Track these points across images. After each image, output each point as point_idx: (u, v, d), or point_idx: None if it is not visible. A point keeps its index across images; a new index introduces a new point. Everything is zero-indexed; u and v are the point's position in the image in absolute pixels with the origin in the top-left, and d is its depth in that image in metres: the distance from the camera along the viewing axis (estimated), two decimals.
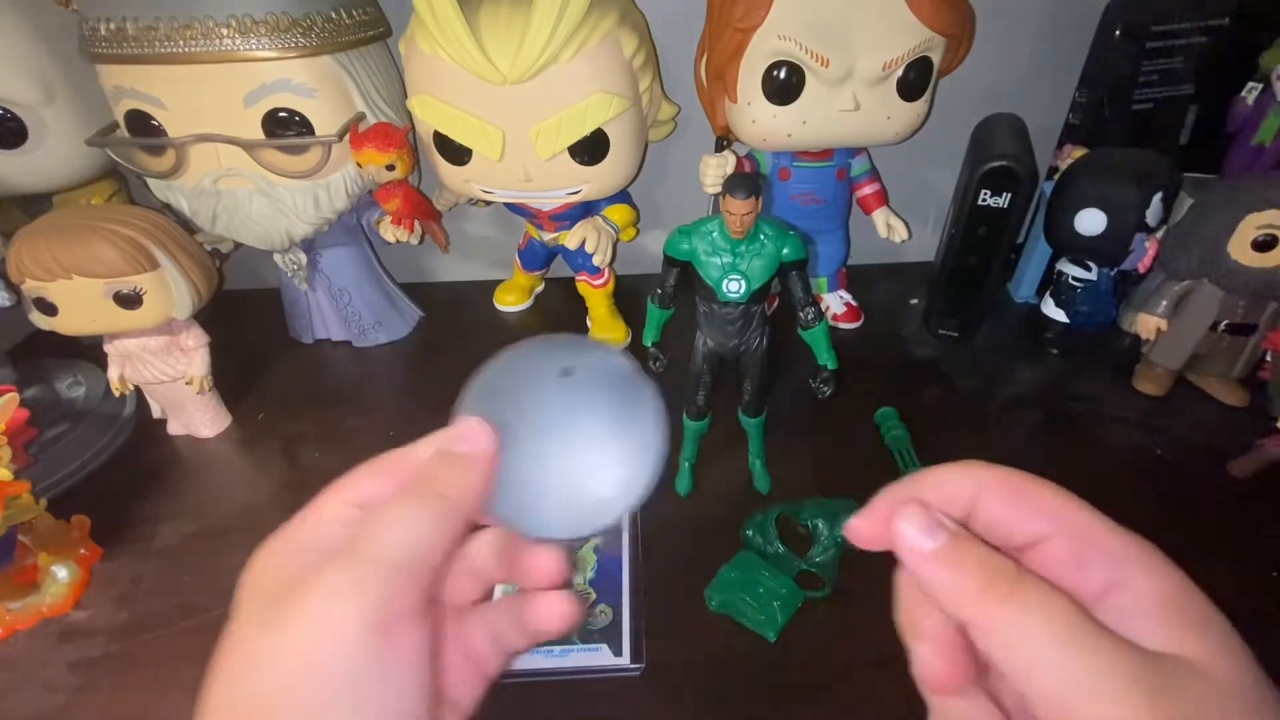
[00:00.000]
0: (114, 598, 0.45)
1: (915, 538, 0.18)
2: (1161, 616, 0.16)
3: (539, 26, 0.47)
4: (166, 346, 0.53)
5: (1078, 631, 0.16)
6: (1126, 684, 0.15)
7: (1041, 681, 0.15)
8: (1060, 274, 0.62)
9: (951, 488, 0.19)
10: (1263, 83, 0.60)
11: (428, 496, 0.19)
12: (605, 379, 0.21)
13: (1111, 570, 0.17)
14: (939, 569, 0.17)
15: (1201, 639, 0.16)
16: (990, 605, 0.16)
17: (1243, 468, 0.50)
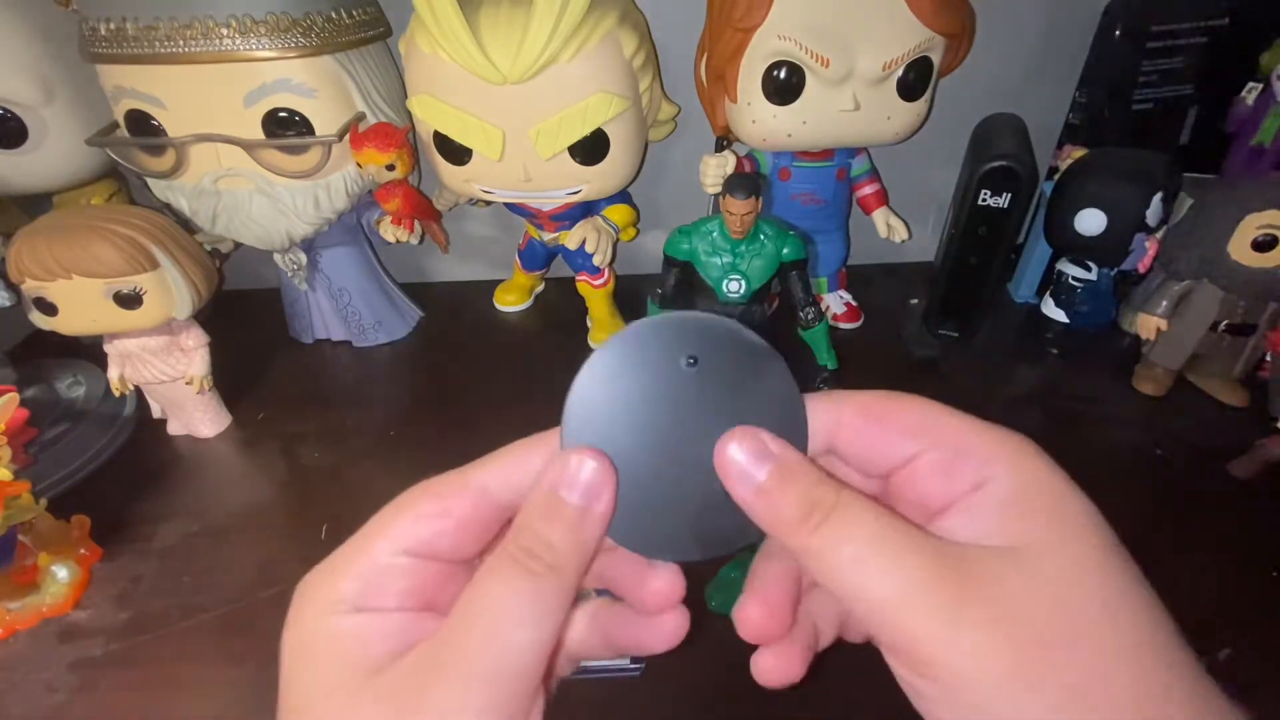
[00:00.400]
0: (114, 598, 0.45)
1: (742, 469, 0.17)
2: (1012, 508, 0.16)
3: (539, 26, 0.47)
4: (166, 346, 0.53)
5: (883, 544, 0.15)
6: (929, 591, 0.15)
7: (860, 606, 0.15)
8: (1060, 274, 0.62)
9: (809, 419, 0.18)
10: (1263, 83, 0.60)
11: (537, 574, 0.16)
12: (735, 362, 0.18)
13: (978, 471, 0.16)
14: (764, 502, 0.17)
15: (1048, 526, 0.15)
16: (807, 536, 0.16)
17: (1243, 468, 0.50)
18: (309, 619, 0.17)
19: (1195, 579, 0.41)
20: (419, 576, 0.17)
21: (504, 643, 0.15)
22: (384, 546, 0.17)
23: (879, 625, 0.15)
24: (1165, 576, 0.16)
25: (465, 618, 0.16)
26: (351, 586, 0.17)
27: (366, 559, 0.17)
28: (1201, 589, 0.40)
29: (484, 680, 0.15)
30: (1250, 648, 0.38)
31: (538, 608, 0.16)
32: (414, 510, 0.17)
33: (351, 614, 0.16)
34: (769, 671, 0.19)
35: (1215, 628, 0.38)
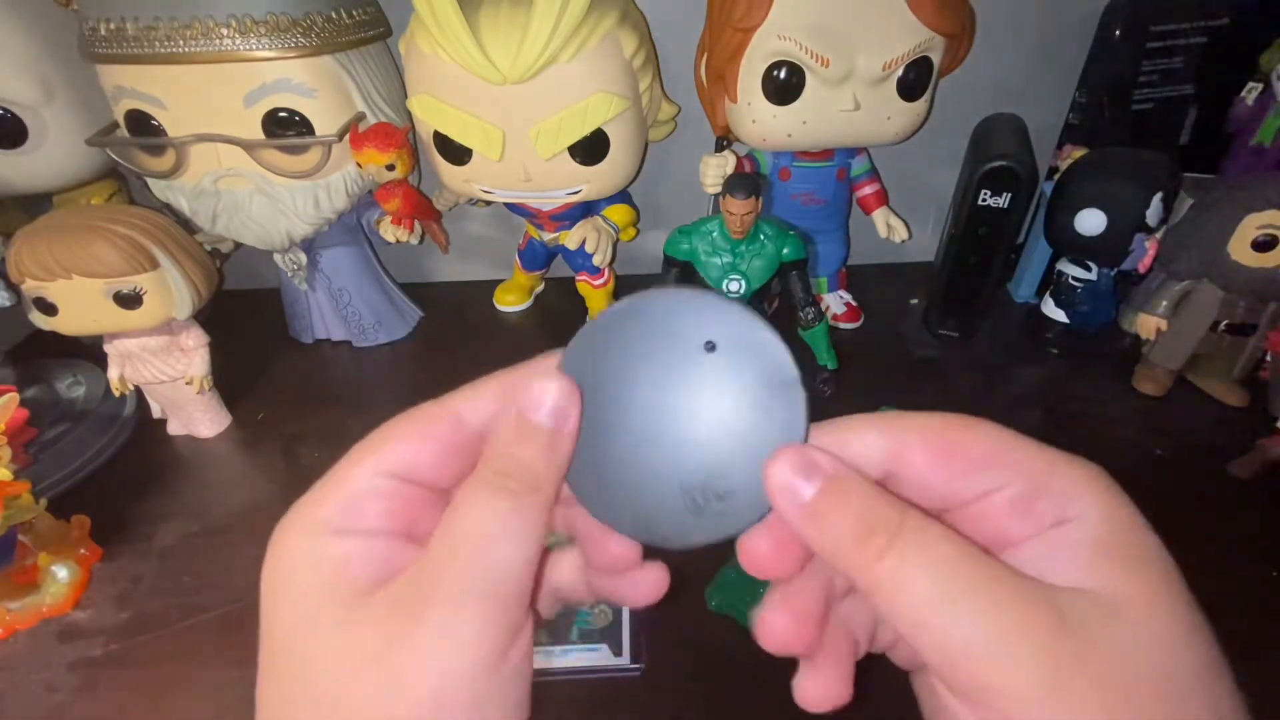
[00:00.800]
0: (114, 598, 0.45)
1: (788, 484, 0.16)
2: (1096, 552, 0.15)
3: (539, 26, 0.47)
4: (166, 346, 0.53)
5: (969, 583, 0.14)
6: (1026, 642, 0.13)
7: (933, 643, 0.14)
8: (1060, 274, 0.62)
9: (866, 445, 0.17)
10: (1263, 83, 0.60)
11: (515, 492, 0.16)
12: (754, 363, 0.17)
13: (1061, 508, 0.15)
14: (812, 521, 0.16)
15: (1132, 575, 0.15)
16: (868, 562, 0.15)
17: (1243, 468, 0.50)
18: (289, 546, 0.17)
19: (1195, 579, 0.41)
20: (399, 499, 0.17)
21: (490, 561, 0.16)
22: (365, 470, 0.17)
23: (953, 668, 0.14)
24: None
25: (449, 541, 0.16)
26: (333, 509, 0.17)
27: (348, 483, 0.17)
28: (1201, 589, 0.40)
29: (475, 599, 0.15)
30: (1251, 648, 0.38)
31: (519, 525, 0.16)
32: (395, 434, 0.18)
33: (332, 537, 0.16)
34: (814, 697, 0.17)
35: (1215, 628, 0.38)
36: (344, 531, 0.17)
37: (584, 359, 0.18)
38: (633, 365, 0.17)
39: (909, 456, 0.16)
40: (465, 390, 0.18)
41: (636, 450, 0.17)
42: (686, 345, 0.17)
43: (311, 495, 0.17)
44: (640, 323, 0.17)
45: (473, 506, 0.16)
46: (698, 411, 0.17)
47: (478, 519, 0.16)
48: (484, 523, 0.16)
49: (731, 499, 0.17)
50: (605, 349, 0.18)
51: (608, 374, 0.18)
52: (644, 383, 0.17)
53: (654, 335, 0.17)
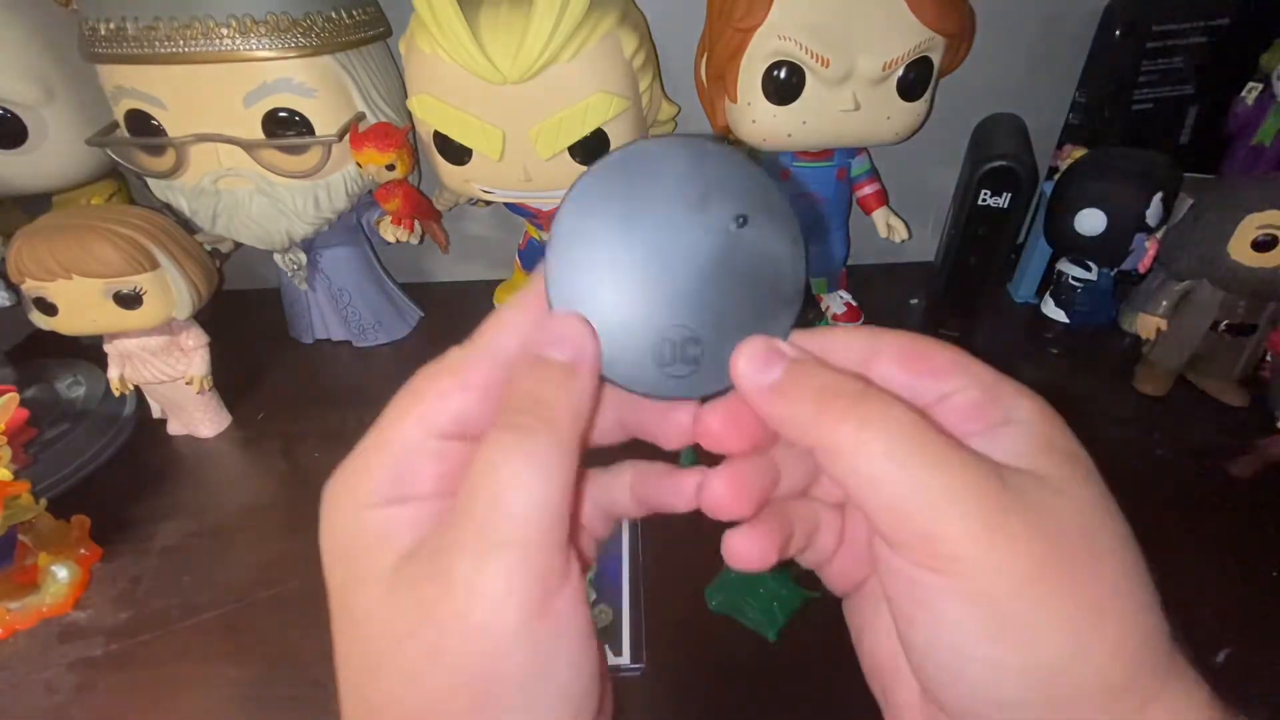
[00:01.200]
0: (114, 598, 0.45)
1: (753, 373, 0.17)
2: (1038, 442, 0.16)
3: (539, 26, 0.47)
4: (166, 346, 0.53)
5: (921, 445, 0.15)
6: (969, 494, 0.15)
7: (882, 499, 0.15)
8: (1060, 274, 0.62)
9: (840, 349, 0.18)
10: (1263, 83, 0.60)
11: (540, 434, 0.16)
12: (771, 265, 0.18)
13: (1006, 411, 0.17)
14: (778, 401, 0.17)
15: (1064, 465, 0.16)
16: (829, 425, 0.16)
17: (1243, 468, 0.50)
18: (339, 519, 0.17)
19: (1195, 579, 0.41)
20: (451, 460, 0.17)
21: (511, 507, 0.15)
22: (410, 431, 0.17)
23: (902, 520, 0.15)
24: (1165, 576, 0.16)
25: (469, 491, 0.16)
26: (382, 478, 0.17)
27: (395, 446, 0.17)
28: (1201, 589, 0.40)
29: (502, 547, 0.15)
30: (1251, 648, 0.38)
31: (538, 464, 0.16)
32: (435, 389, 0.17)
33: (382, 507, 0.16)
34: (738, 552, 0.19)
35: (1215, 628, 0.38)
36: (395, 500, 0.16)
37: (608, 182, 0.17)
38: (653, 206, 0.17)
39: (880, 361, 0.18)
40: (488, 327, 0.18)
41: (629, 282, 0.18)
42: (716, 211, 0.17)
43: (358, 461, 0.17)
44: (679, 166, 0.17)
45: (489, 451, 0.16)
46: (700, 277, 0.18)
47: (495, 462, 0.16)
48: (501, 465, 0.15)
49: (698, 366, 0.18)
50: (633, 180, 0.17)
51: (628, 203, 0.17)
52: (658, 226, 0.18)
53: (687, 186, 0.17)
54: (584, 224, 0.18)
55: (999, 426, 0.17)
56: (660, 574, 0.44)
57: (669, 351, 0.18)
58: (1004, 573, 0.14)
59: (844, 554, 0.21)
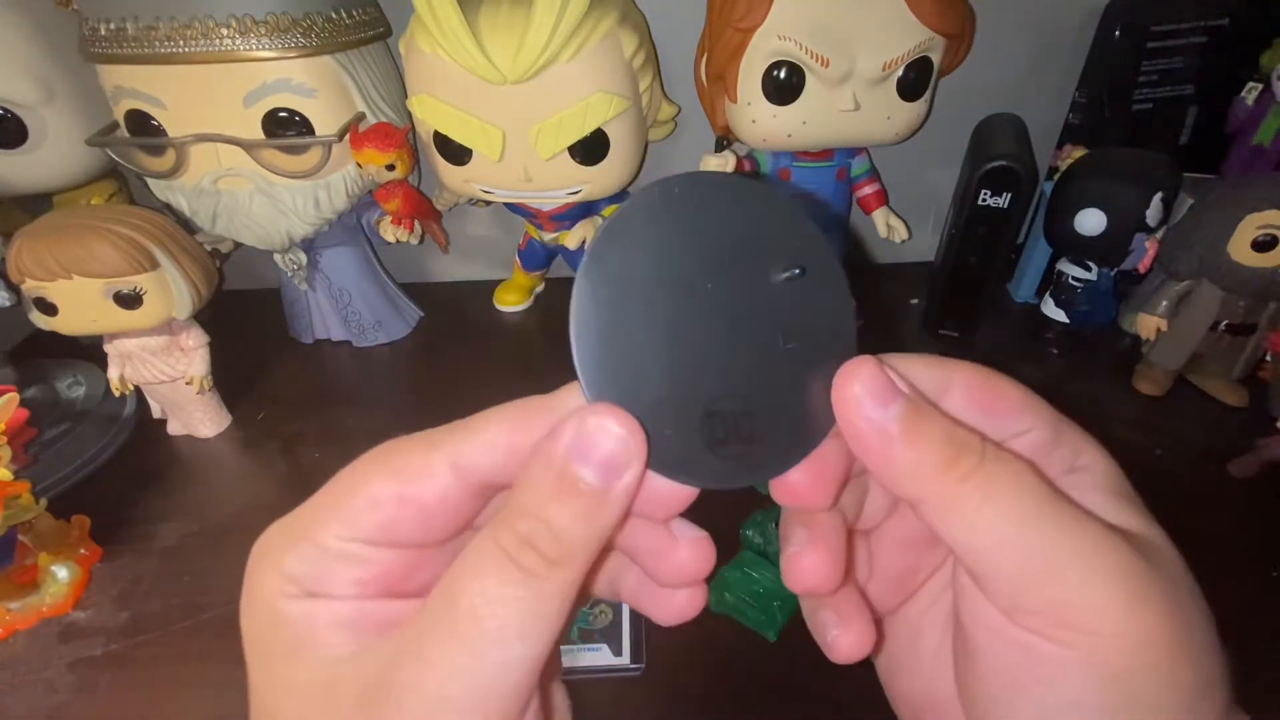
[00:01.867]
0: (114, 598, 0.45)
1: (866, 403, 0.15)
2: (1116, 498, 0.16)
3: (539, 26, 0.47)
4: (166, 346, 0.53)
5: (1052, 508, 0.14)
6: (1110, 562, 0.14)
7: (1007, 563, 0.14)
8: (1060, 274, 0.62)
9: (916, 378, 0.16)
10: (1263, 83, 0.60)
11: (535, 574, 0.13)
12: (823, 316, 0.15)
13: (1071, 457, 0.17)
14: (900, 447, 0.15)
15: (1149, 522, 0.16)
16: (951, 483, 0.14)
17: (1243, 468, 0.50)
18: (260, 598, 0.15)
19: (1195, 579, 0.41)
20: (376, 565, 0.15)
21: (488, 662, 0.13)
22: (333, 531, 0.15)
23: (1030, 585, 0.14)
24: None
25: (441, 627, 0.13)
26: (299, 566, 0.15)
27: (315, 539, 0.15)
28: (1201, 589, 0.40)
29: (460, 709, 0.13)
30: (1250, 648, 0.38)
31: (534, 617, 0.13)
32: (367, 493, 0.15)
33: (301, 599, 0.14)
34: (851, 647, 0.17)
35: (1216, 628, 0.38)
36: (313, 595, 0.14)
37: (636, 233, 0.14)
38: (692, 259, 0.15)
39: (951, 395, 0.17)
40: (463, 432, 0.15)
41: (671, 351, 0.15)
42: (763, 263, 0.15)
43: (285, 530, 0.15)
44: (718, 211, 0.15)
45: (478, 586, 0.13)
46: (749, 340, 0.15)
47: (483, 605, 0.13)
48: (490, 613, 0.13)
49: (753, 445, 0.15)
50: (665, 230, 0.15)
51: (661, 256, 0.15)
52: (699, 284, 0.15)
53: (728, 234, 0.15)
54: (613, 285, 0.15)
55: (1068, 473, 0.16)
56: None
57: (721, 429, 0.15)
58: (1144, 648, 0.14)
59: (874, 585, 0.19)
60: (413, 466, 0.15)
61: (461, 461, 0.15)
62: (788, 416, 0.16)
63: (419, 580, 0.16)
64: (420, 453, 0.15)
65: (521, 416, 0.15)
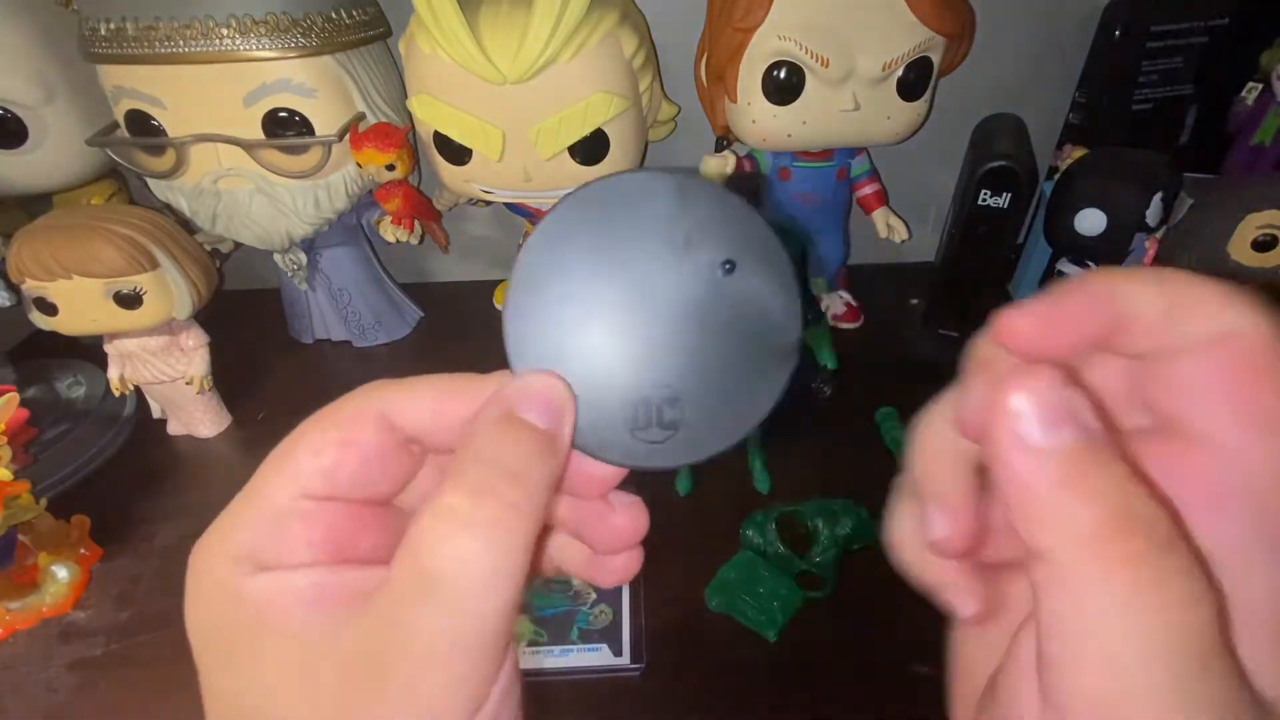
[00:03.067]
0: (114, 598, 0.45)
1: (1029, 422, 0.12)
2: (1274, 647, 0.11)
3: (539, 26, 0.47)
4: (166, 346, 0.53)
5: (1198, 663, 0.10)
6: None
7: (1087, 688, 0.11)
8: (1060, 274, 0.62)
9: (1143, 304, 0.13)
10: (1263, 83, 0.60)
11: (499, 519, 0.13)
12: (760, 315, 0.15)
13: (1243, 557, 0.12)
14: (1053, 489, 0.11)
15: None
16: (1097, 562, 0.11)
17: None
18: (207, 589, 0.14)
19: None
20: (326, 521, 0.15)
21: (467, 617, 0.13)
22: (279, 490, 0.15)
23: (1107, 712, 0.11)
24: None
25: (414, 592, 0.13)
26: (249, 540, 0.14)
27: (262, 507, 0.15)
28: None
29: (445, 661, 0.13)
30: None
31: (505, 562, 0.13)
32: (306, 444, 0.15)
33: (256, 574, 0.14)
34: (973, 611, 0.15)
35: None
36: (268, 567, 0.14)
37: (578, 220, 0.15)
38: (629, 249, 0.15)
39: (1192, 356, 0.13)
40: (394, 386, 0.16)
41: (601, 334, 0.15)
42: (699, 255, 0.15)
43: (223, 522, 0.15)
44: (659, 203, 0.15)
45: (439, 539, 0.13)
46: (681, 329, 0.15)
47: (448, 563, 0.13)
48: (456, 568, 0.13)
49: (676, 431, 0.16)
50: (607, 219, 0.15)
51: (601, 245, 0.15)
52: (634, 271, 0.15)
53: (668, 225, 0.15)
54: (551, 268, 0.15)
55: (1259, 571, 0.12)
56: (660, 574, 0.44)
57: (645, 414, 0.16)
58: None
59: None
60: (346, 413, 0.16)
61: (390, 411, 0.16)
62: (714, 407, 0.16)
63: (367, 543, 0.16)
64: (353, 402, 0.16)
65: (451, 383, 0.16)
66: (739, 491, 0.49)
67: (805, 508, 0.45)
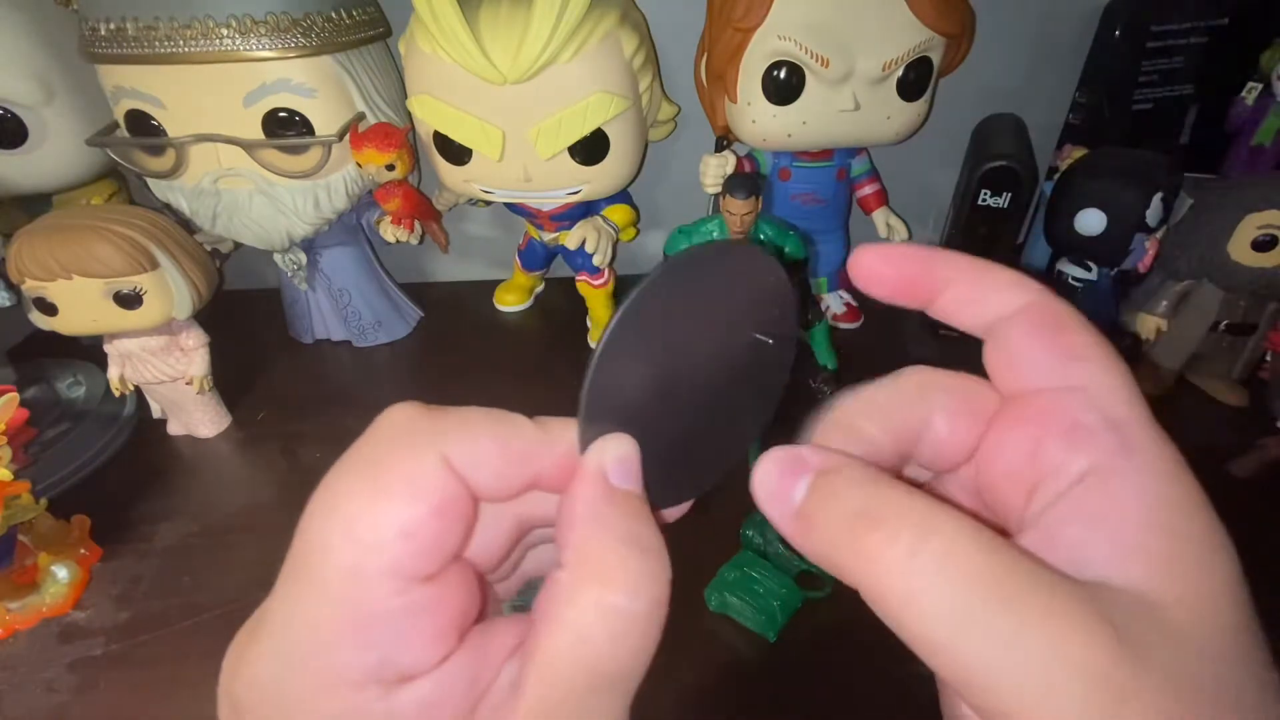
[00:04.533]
0: (114, 598, 0.45)
1: (772, 500, 0.14)
2: (1144, 530, 0.12)
3: (539, 26, 0.47)
4: (166, 346, 0.53)
5: (998, 587, 0.11)
6: (1073, 670, 0.11)
7: (948, 663, 0.12)
8: (1060, 274, 0.62)
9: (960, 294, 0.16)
10: (1263, 83, 0.60)
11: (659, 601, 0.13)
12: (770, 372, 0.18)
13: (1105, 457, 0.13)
14: (805, 532, 0.14)
15: (1189, 573, 0.12)
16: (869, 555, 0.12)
17: (1243, 468, 0.50)
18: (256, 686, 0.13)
19: None
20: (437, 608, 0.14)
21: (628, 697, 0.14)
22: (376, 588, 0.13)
23: (977, 693, 0.11)
24: None
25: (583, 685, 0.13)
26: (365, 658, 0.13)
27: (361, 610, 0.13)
28: None
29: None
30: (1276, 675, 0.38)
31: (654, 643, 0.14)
32: (387, 522, 0.13)
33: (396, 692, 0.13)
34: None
35: None
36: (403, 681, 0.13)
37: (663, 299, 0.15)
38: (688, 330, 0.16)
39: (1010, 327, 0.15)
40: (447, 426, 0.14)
41: (657, 401, 0.16)
42: (747, 327, 0.17)
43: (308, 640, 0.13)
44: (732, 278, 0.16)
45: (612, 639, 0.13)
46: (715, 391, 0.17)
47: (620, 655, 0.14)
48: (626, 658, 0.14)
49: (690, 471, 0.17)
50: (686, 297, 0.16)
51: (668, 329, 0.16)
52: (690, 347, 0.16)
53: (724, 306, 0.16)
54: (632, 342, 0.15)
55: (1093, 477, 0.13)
56: None
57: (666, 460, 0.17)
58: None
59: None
60: (421, 476, 0.14)
61: (451, 461, 0.14)
62: (713, 451, 0.18)
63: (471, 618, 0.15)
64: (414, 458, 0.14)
65: (513, 435, 0.15)
66: (739, 491, 0.49)
67: None
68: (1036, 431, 0.14)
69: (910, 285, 0.16)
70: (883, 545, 0.12)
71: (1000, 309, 0.15)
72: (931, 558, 0.12)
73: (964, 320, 0.16)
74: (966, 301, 0.16)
